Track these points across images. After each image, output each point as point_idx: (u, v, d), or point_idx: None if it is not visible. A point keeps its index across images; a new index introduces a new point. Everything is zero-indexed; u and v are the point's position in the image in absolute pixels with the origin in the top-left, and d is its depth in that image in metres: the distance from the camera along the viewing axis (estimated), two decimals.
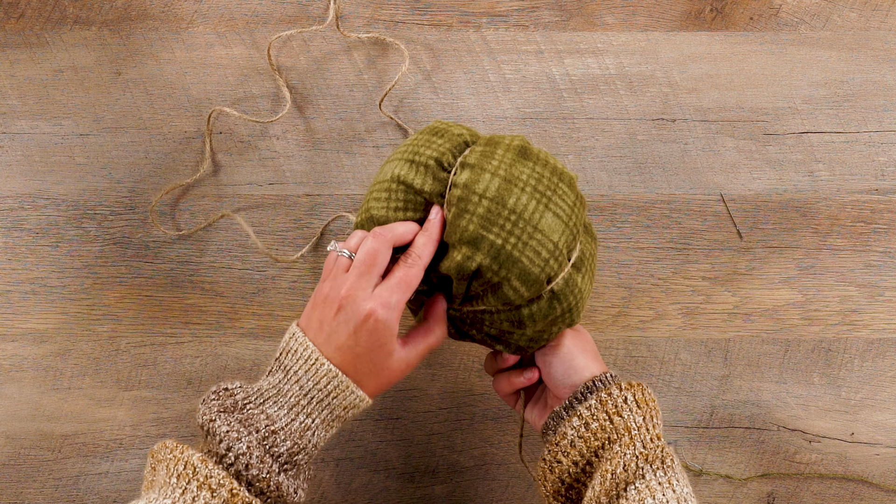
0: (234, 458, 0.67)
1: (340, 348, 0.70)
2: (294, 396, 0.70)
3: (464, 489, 0.92)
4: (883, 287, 0.92)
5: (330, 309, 0.70)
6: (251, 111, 0.92)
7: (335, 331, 0.70)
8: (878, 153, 0.92)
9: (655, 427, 0.73)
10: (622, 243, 0.92)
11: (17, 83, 0.92)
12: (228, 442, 0.68)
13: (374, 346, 0.70)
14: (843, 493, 0.92)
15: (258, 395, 0.71)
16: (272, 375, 0.72)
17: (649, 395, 0.75)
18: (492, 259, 0.71)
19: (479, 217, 0.72)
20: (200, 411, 0.70)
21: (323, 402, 0.70)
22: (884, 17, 0.92)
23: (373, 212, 0.75)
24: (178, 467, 0.66)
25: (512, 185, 0.72)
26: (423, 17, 0.92)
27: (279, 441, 0.69)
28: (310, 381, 0.70)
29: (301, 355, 0.71)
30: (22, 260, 0.91)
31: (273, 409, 0.70)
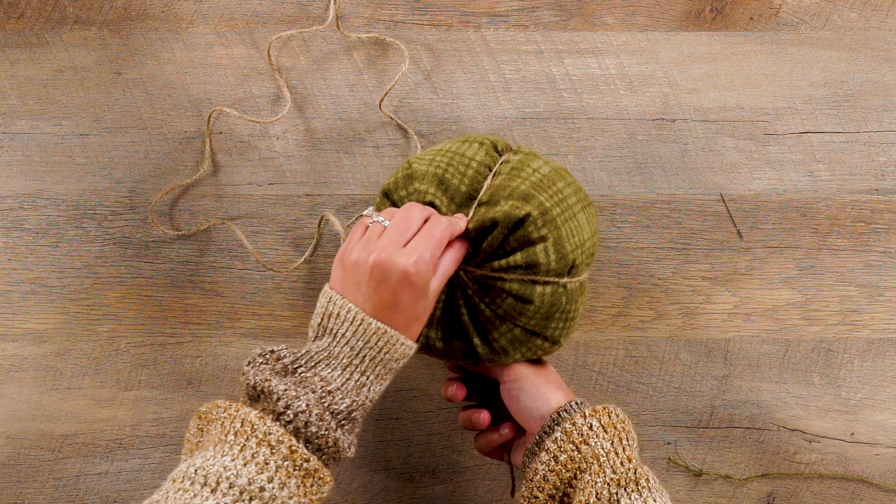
0: (293, 415, 0.68)
1: (383, 307, 0.71)
2: (346, 357, 0.71)
3: (464, 489, 0.92)
4: (883, 287, 0.92)
5: (365, 270, 0.71)
6: (251, 111, 0.92)
7: (375, 291, 0.71)
8: (878, 153, 0.92)
9: (626, 449, 0.73)
10: (622, 243, 0.92)
11: (17, 83, 0.92)
12: (287, 400, 0.68)
13: (414, 299, 0.71)
14: (843, 493, 0.92)
15: (308, 359, 0.72)
16: (319, 340, 0.73)
17: (617, 416, 0.76)
18: (539, 213, 0.75)
19: (532, 183, 0.77)
20: (250, 373, 0.70)
21: (375, 358, 0.72)
22: (884, 17, 0.92)
23: (414, 166, 0.79)
24: (234, 424, 0.66)
25: (559, 177, 0.80)
26: (423, 17, 0.92)
27: (338, 399, 0.70)
28: (360, 342, 0.71)
29: (345, 318, 0.72)
30: (22, 260, 0.92)
31: (326, 371, 0.71)
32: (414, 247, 0.71)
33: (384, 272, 0.71)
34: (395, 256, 0.71)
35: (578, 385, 0.92)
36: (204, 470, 0.64)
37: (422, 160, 0.79)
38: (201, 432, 0.70)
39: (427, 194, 0.77)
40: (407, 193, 0.78)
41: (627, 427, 0.75)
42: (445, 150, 0.80)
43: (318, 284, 0.92)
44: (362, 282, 0.72)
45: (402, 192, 0.79)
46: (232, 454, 0.65)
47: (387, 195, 0.80)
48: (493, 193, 0.77)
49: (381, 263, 0.71)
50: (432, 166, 0.78)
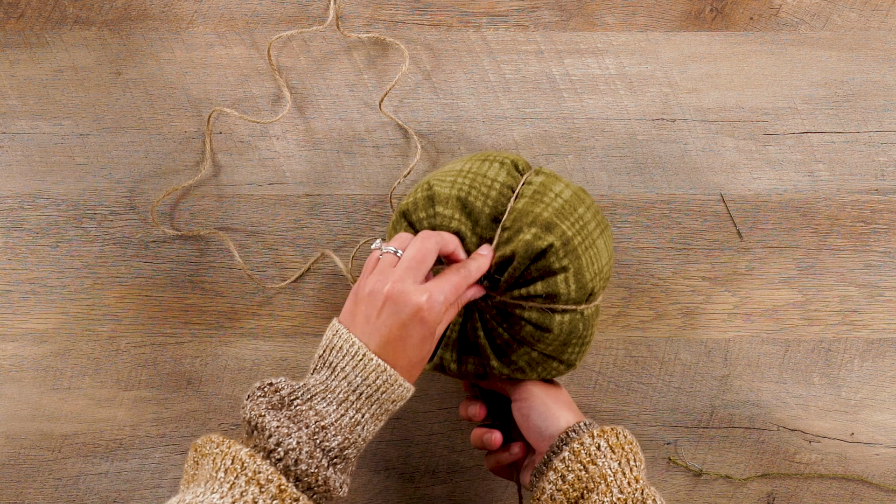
0: (283, 452, 0.67)
1: (389, 342, 0.71)
2: (342, 392, 0.71)
3: (464, 489, 0.92)
4: (883, 287, 0.92)
5: (376, 303, 0.71)
6: (251, 111, 0.92)
7: (384, 324, 0.71)
8: (878, 153, 0.92)
9: (633, 469, 0.74)
10: (622, 243, 0.92)
11: (17, 83, 0.92)
12: (278, 437, 0.68)
13: (421, 338, 0.71)
14: (843, 493, 0.92)
15: (305, 392, 0.71)
16: (318, 373, 0.72)
17: (625, 437, 0.76)
18: (561, 244, 0.75)
19: (554, 209, 0.77)
20: (248, 407, 0.70)
21: (372, 396, 0.71)
22: (884, 17, 0.92)
23: (435, 188, 0.78)
24: (225, 461, 0.66)
25: (580, 201, 0.79)
26: (423, 17, 0.92)
27: (330, 436, 0.70)
28: (358, 377, 0.71)
29: (347, 352, 0.71)
30: (22, 260, 0.92)
31: (322, 406, 0.71)
32: (430, 286, 0.71)
33: (397, 304, 0.70)
34: (410, 291, 0.71)
35: (578, 385, 0.92)
36: None
37: (442, 182, 0.78)
38: (197, 465, 0.70)
39: (452, 220, 0.77)
40: (427, 216, 0.78)
41: (635, 448, 0.75)
42: (466, 170, 0.79)
43: (317, 285, 0.92)
44: (372, 314, 0.71)
45: (421, 214, 0.78)
46: (221, 492, 0.65)
47: (405, 216, 0.79)
48: (515, 218, 0.76)
49: (396, 295, 0.70)
50: (455, 189, 0.78)
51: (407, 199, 0.80)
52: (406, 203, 0.79)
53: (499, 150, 0.92)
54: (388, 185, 0.92)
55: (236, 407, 0.91)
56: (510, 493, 0.92)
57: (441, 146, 0.92)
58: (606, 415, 0.92)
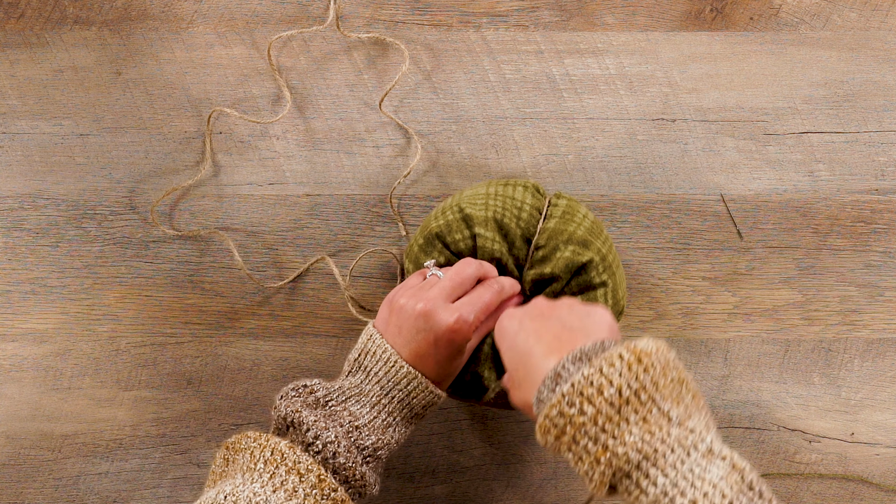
0: (321, 446, 0.69)
1: (419, 354, 0.74)
2: (375, 395, 0.74)
3: (464, 489, 0.92)
4: (883, 287, 0.92)
5: (409, 316, 0.74)
6: (251, 111, 0.92)
7: (414, 338, 0.74)
8: (878, 153, 0.92)
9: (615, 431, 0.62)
10: (622, 243, 0.92)
11: (17, 83, 0.92)
12: (316, 431, 0.70)
13: (451, 354, 0.74)
14: (843, 493, 0.92)
15: (340, 394, 0.74)
16: (353, 376, 0.76)
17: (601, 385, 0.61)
18: (600, 259, 0.78)
19: (586, 228, 0.80)
20: (282, 405, 0.72)
21: (403, 401, 0.74)
22: (884, 17, 0.92)
23: (468, 210, 0.80)
24: (264, 453, 0.67)
25: (601, 228, 0.83)
26: (423, 17, 0.92)
27: (364, 436, 0.72)
28: (390, 382, 0.74)
29: (381, 357, 0.74)
30: (22, 260, 0.92)
31: (356, 407, 0.73)
32: (460, 305, 0.74)
33: (427, 323, 0.73)
34: (439, 310, 0.73)
35: None
36: (234, 496, 0.65)
37: (474, 204, 0.81)
38: (227, 462, 0.71)
39: (494, 242, 0.79)
40: (464, 237, 0.80)
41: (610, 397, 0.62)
42: (493, 193, 0.82)
43: (317, 285, 0.92)
44: (404, 327, 0.74)
45: (457, 236, 0.80)
46: (262, 481, 0.66)
47: (439, 237, 0.81)
48: (549, 237, 0.79)
49: (426, 314, 0.73)
50: (489, 211, 0.80)
51: (436, 222, 0.82)
52: (438, 226, 0.81)
53: (499, 151, 0.92)
54: (388, 185, 0.92)
55: (236, 407, 0.91)
56: (510, 493, 0.92)
57: (441, 146, 0.92)
58: None
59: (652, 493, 0.58)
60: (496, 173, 0.92)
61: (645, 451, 0.59)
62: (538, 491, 0.92)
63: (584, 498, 0.92)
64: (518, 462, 0.92)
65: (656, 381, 0.60)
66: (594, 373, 0.60)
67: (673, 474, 0.58)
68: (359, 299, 0.91)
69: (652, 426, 0.59)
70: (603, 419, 0.59)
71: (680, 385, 0.61)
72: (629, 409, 0.59)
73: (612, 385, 0.59)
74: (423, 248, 0.82)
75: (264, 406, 0.91)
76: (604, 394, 0.59)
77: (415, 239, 0.84)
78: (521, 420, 0.92)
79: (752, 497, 0.57)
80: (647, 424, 0.59)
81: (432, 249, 0.81)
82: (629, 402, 0.59)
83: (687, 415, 0.60)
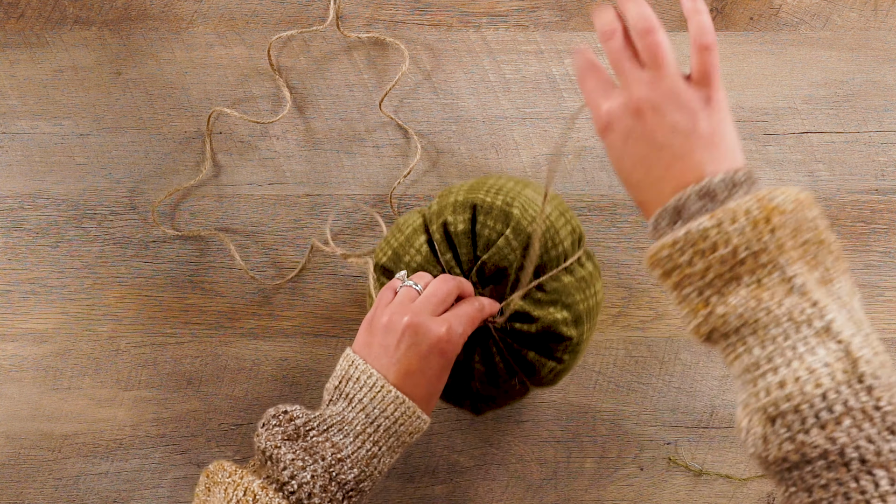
0: (296, 486, 0.67)
1: (408, 373, 0.70)
2: (360, 424, 0.70)
3: (464, 489, 0.92)
4: (883, 287, 0.92)
5: (396, 332, 0.70)
6: (251, 111, 0.92)
7: (403, 356, 0.70)
8: (878, 153, 0.92)
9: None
10: (622, 243, 0.92)
11: (17, 83, 0.92)
12: (293, 470, 0.67)
13: (440, 369, 0.71)
14: None
15: (321, 422, 0.70)
16: (334, 404, 0.72)
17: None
18: (577, 340, 0.79)
19: (588, 306, 0.79)
20: (263, 437, 0.69)
21: (390, 429, 0.70)
22: (884, 17, 0.92)
23: (514, 210, 0.77)
24: (237, 492, 0.66)
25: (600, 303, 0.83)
26: (423, 17, 0.92)
27: (346, 469, 0.68)
28: (376, 409, 0.70)
29: (365, 383, 0.70)
30: (22, 260, 0.92)
31: (338, 437, 0.70)
32: (449, 316, 0.71)
33: (417, 335, 0.70)
34: (428, 322, 0.70)
35: (579, 385, 0.92)
36: None
37: (526, 210, 0.77)
38: (208, 491, 0.69)
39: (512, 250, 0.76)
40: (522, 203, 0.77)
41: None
42: (549, 212, 0.78)
43: (317, 285, 0.92)
44: (391, 344, 0.70)
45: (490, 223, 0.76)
46: None
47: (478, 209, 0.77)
48: (559, 291, 0.77)
49: (415, 326, 0.70)
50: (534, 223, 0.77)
51: (487, 195, 0.78)
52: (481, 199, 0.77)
53: (499, 150, 0.92)
54: (388, 185, 0.92)
55: (236, 407, 0.91)
56: (510, 493, 0.92)
57: (441, 146, 0.92)
58: (606, 414, 0.92)
59: (745, 361, 0.55)
60: (496, 173, 0.92)
61: (746, 317, 0.54)
62: (538, 491, 0.92)
63: (585, 497, 0.92)
64: (518, 462, 0.92)
65: (782, 244, 0.54)
66: (713, 227, 0.54)
67: (771, 348, 0.53)
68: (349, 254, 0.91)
69: (764, 291, 0.53)
70: (713, 275, 0.55)
71: (817, 246, 0.55)
72: (744, 268, 0.54)
73: (727, 245, 0.54)
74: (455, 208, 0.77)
75: (264, 406, 0.91)
76: (718, 251, 0.54)
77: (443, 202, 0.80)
78: (521, 420, 0.92)
79: (858, 391, 0.51)
80: (760, 289, 0.54)
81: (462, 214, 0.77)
82: (744, 263, 0.54)
83: (821, 281, 0.54)
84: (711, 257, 0.55)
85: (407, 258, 0.78)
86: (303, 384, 0.91)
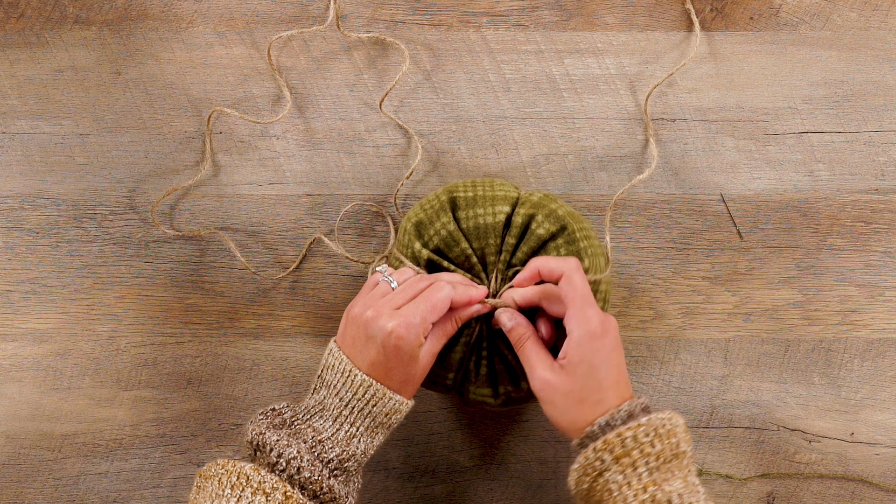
0: (285, 463, 0.70)
1: (373, 363, 0.74)
2: (336, 408, 0.74)
3: (464, 489, 0.92)
4: (883, 287, 0.92)
5: (360, 327, 0.74)
6: (251, 111, 0.92)
7: (365, 347, 0.74)
8: (878, 153, 0.92)
9: (643, 476, 0.70)
10: (622, 243, 0.92)
11: (17, 83, 0.92)
12: (279, 449, 0.70)
13: (401, 359, 0.73)
14: (843, 493, 0.92)
15: (305, 412, 0.75)
16: (317, 392, 0.76)
17: (635, 440, 0.71)
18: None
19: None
20: (249, 429, 0.73)
21: (363, 410, 0.74)
22: (884, 17, 0.92)
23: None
24: (231, 479, 0.68)
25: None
26: (424, 17, 0.92)
27: (327, 448, 0.72)
28: (348, 392, 0.74)
29: (338, 369, 0.74)
30: (22, 260, 0.92)
31: (319, 422, 0.74)
32: (404, 311, 0.73)
33: (373, 331, 0.73)
34: (382, 318, 0.73)
35: None
36: None
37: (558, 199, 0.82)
38: (199, 490, 0.71)
39: None
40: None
41: (650, 446, 0.71)
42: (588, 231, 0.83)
43: (318, 285, 0.92)
44: (358, 336, 0.74)
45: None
46: None
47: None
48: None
49: (372, 322, 0.73)
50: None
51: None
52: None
53: (499, 150, 0.92)
54: (388, 185, 0.92)
55: (236, 407, 0.91)
56: (510, 493, 0.92)
57: (441, 146, 0.92)
58: None
59: None
60: (496, 173, 0.92)
61: None
62: (538, 491, 0.92)
63: None
64: (518, 462, 0.92)
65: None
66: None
67: None
68: None
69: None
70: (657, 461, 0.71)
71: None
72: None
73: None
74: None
75: (264, 406, 0.91)
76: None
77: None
78: (520, 420, 0.92)
79: None
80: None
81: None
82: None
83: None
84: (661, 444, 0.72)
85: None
86: (303, 384, 0.91)
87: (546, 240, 0.79)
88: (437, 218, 0.80)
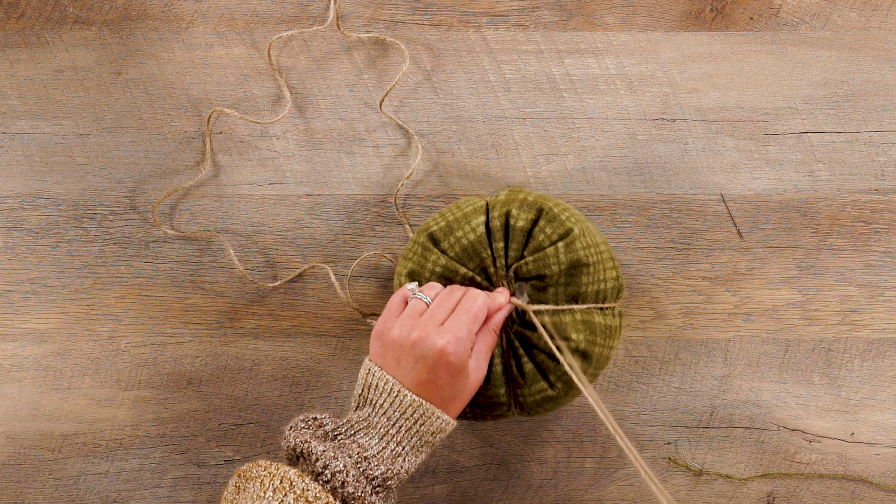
0: (330, 475, 0.69)
1: (420, 383, 0.74)
2: (383, 427, 0.74)
3: (464, 489, 0.92)
4: (883, 287, 0.92)
5: (405, 349, 0.74)
6: (251, 111, 0.92)
7: (414, 367, 0.73)
8: (878, 153, 0.92)
9: None
10: (622, 243, 0.92)
11: (17, 83, 0.92)
12: (325, 460, 0.70)
13: (451, 378, 0.74)
14: (843, 493, 0.92)
15: (349, 427, 0.74)
16: (360, 410, 0.76)
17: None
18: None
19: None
20: (290, 436, 0.72)
21: (411, 429, 0.74)
22: (884, 17, 0.92)
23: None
24: (273, 482, 0.68)
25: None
26: (424, 17, 0.92)
27: (373, 466, 0.72)
28: (396, 412, 0.74)
29: (384, 389, 0.74)
30: (22, 260, 0.91)
31: (364, 439, 0.73)
32: (450, 326, 0.74)
33: (423, 351, 0.73)
34: (432, 336, 0.73)
35: None
36: None
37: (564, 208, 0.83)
38: (238, 490, 0.71)
39: None
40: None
41: None
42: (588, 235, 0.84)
43: (317, 285, 0.92)
44: (402, 357, 0.74)
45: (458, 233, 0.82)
46: None
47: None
48: (587, 323, 0.80)
49: (420, 342, 0.73)
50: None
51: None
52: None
53: (499, 150, 0.92)
54: (388, 185, 0.92)
55: (236, 407, 0.91)
56: (510, 493, 0.92)
57: (441, 146, 0.92)
58: None
59: None
60: (496, 173, 0.92)
61: None
62: (538, 491, 0.92)
63: (585, 497, 0.92)
64: (518, 462, 0.92)
65: None
66: None
67: None
68: (360, 301, 0.91)
69: None
70: None
71: None
72: None
73: None
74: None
75: (264, 406, 0.91)
76: None
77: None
78: (520, 420, 0.92)
79: None
80: None
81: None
82: None
83: None
84: None
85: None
86: (303, 384, 0.91)
87: (530, 229, 0.80)
88: (426, 259, 0.81)
